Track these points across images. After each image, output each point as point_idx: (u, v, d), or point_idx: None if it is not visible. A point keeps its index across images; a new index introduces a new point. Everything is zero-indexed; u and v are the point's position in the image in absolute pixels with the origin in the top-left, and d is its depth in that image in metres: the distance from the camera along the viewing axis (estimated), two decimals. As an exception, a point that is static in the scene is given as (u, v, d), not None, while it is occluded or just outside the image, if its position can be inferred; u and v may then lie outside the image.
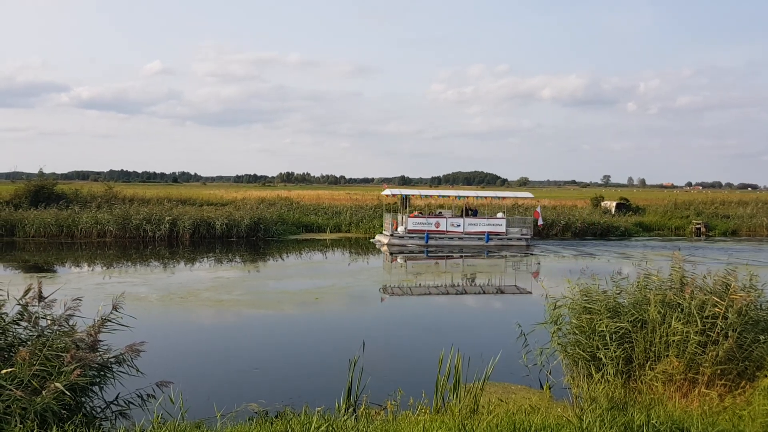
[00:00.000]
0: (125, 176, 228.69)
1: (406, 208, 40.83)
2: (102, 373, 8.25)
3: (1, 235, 37.66)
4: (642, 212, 58.14)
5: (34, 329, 8.38)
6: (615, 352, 9.95)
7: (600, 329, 10.21)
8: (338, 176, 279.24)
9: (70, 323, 8.50)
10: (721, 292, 9.94)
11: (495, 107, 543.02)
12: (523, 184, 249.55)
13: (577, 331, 10.69)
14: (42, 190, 45.40)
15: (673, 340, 9.67)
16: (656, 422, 7.20)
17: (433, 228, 37.44)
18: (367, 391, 9.79)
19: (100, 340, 8.46)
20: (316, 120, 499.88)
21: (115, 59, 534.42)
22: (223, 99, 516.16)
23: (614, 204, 59.06)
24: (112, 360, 8.34)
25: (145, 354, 8.58)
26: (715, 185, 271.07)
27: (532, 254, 34.17)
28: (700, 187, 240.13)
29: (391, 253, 33.76)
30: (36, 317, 8.41)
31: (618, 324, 10.11)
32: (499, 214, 39.68)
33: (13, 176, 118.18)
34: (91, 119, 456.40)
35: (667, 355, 9.66)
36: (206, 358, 13.20)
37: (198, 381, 11.49)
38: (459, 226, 37.66)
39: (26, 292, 8.54)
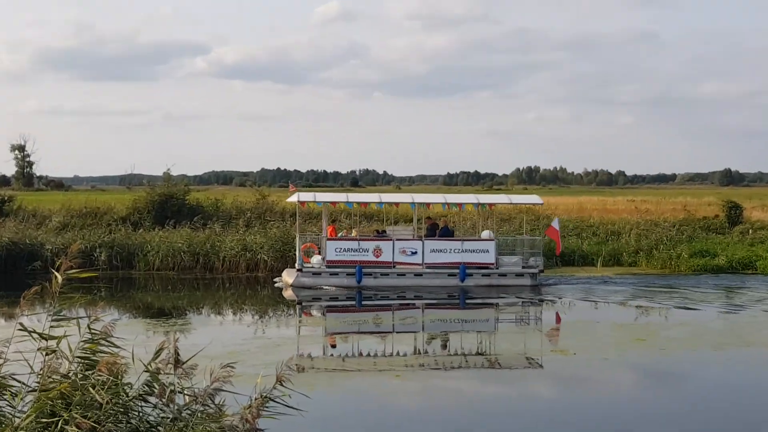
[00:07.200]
0: (283, 177, 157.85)
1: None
2: (263, 479, 5.56)
3: (116, 267, 26.88)
4: None
5: (168, 408, 5.99)
6: None
7: None
8: (612, 172, 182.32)
9: (217, 402, 6.00)
10: None
11: None
12: None
13: None
14: (169, 202, 32.73)
15: None
16: None
17: (371, 258, 23.34)
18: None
19: (261, 429, 5.85)
20: (576, 81, 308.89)
21: (272, 4, 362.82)
22: (429, 54, 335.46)
23: None
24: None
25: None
26: None
27: (541, 302, 21.33)
28: None
29: (298, 302, 21.47)
30: (171, 391, 5.99)
31: None
32: (485, 234, 24.84)
33: (129, 180, 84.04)
34: (237, 94, 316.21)
35: None
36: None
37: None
38: (415, 253, 23.38)
39: (157, 353, 6.15)
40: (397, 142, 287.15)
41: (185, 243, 27.79)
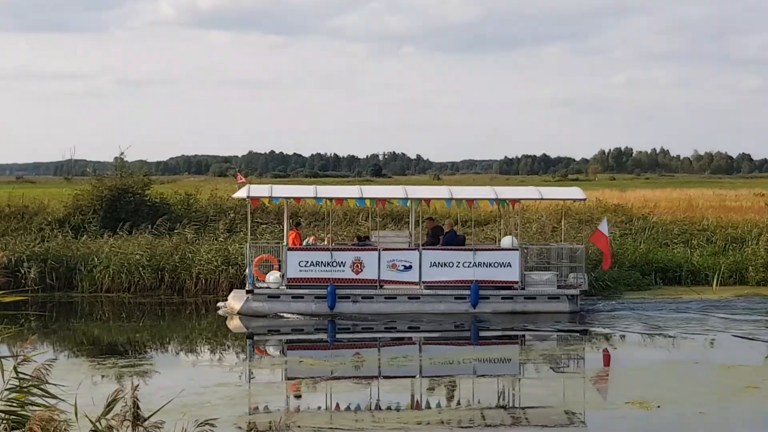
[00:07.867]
0: (278, 163, 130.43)
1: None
2: None
3: (51, 288, 22.24)
4: None
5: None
6: None
7: None
8: (733, 156, 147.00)
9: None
10: None
11: None
12: None
13: None
14: (123, 199, 27.02)
15: None
16: None
17: (349, 275, 18.75)
18: None
19: None
20: (683, 30, 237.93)
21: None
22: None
23: None
24: None
25: None
26: None
27: (585, 334, 17.55)
28: None
29: (249, 336, 17.89)
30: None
31: None
32: (506, 241, 19.95)
33: (68, 169, 69.32)
34: (216, 50, 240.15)
35: None
36: None
37: None
38: (410, 268, 18.78)
39: (108, 406, 5.54)
40: (436, 116, 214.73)
41: (145, 255, 22.79)
